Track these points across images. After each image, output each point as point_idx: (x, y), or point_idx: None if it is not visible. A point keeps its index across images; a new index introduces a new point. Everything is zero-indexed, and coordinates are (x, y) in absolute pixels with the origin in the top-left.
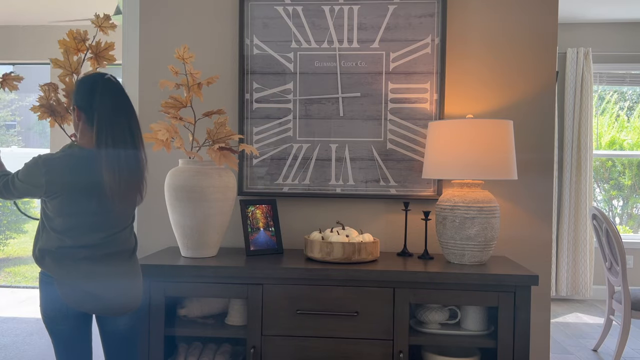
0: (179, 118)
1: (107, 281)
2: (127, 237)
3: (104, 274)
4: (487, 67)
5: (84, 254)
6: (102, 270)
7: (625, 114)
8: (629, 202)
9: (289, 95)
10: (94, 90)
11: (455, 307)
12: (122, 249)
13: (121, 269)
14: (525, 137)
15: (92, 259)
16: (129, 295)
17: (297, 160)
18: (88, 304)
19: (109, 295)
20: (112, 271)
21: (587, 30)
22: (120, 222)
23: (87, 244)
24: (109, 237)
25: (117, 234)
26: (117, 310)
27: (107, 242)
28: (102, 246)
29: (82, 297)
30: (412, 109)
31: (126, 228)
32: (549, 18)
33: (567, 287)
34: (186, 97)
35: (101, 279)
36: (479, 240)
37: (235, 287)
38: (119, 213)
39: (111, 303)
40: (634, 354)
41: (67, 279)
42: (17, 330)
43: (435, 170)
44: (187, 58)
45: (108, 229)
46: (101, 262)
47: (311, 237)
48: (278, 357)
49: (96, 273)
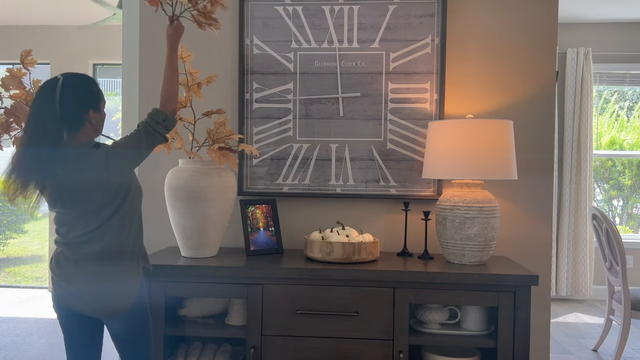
0: (179, 118)
1: (86, 282)
2: (101, 237)
3: (83, 274)
4: (487, 67)
5: (67, 252)
6: (80, 271)
7: (625, 114)
8: (629, 202)
9: (289, 95)
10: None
11: (455, 307)
12: (100, 249)
13: (102, 270)
14: (525, 137)
15: (74, 258)
16: (112, 298)
17: (297, 160)
18: (74, 303)
19: (89, 296)
20: (92, 272)
21: (587, 30)
22: (88, 221)
23: (67, 242)
24: (83, 235)
25: (91, 233)
26: (102, 311)
27: (84, 241)
28: (81, 245)
29: (67, 296)
30: (412, 109)
31: (99, 227)
32: (549, 18)
33: (567, 287)
34: (186, 97)
35: (80, 279)
36: (479, 240)
37: (235, 287)
38: (80, 213)
39: (94, 304)
40: (634, 354)
41: (56, 277)
42: (17, 330)
43: (435, 170)
44: (185, 57)
45: (79, 228)
46: (81, 262)
47: (311, 237)
48: (278, 357)
49: (75, 273)
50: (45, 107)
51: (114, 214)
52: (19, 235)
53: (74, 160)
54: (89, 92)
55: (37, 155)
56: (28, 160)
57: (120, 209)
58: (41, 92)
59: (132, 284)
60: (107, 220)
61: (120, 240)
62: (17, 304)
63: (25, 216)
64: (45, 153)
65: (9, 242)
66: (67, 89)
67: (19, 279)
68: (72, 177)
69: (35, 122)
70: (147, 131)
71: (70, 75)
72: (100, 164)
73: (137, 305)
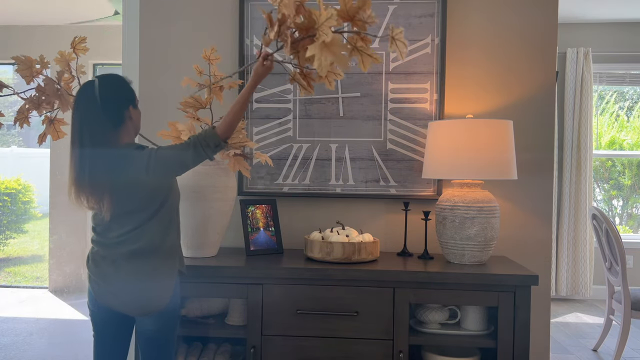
0: (197, 118)
1: (122, 281)
2: (139, 238)
3: (120, 274)
4: (487, 67)
5: (103, 252)
6: (116, 270)
7: (625, 114)
8: (629, 202)
9: (289, 95)
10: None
11: (455, 307)
12: (138, 249)
13: (138, 269)
14: (525, 137)
15: (111, 257)
16: (148, 296)
17: (297, 160)
18: (111, 302)
19: (125, 295)
20: (127, 271)
21: (587, 30)
22: (126, 221)
23: (104, 241)
24: (122, 235)
25: (129, 234)
26: (138, 310)
27: (122, 242)
28: (118, 245)
29: (105, 294)
30: (412, 109)
31: (137, 228)
32: (549, 18)
33: (567, 287)
34: (207, 98)
35: (117, 278)
36: (478, 240)
37: (235, 287)
38: (119, 213)
39: (130, 303)
40: (634, 354)
41: (93, 276)
42: (17, 330)
43: (435, 170)
44: (213, 60)
45: (117, 229)
46: (118, 260)
47: (311, 237)
48: (278, 357)
49: (112, 272)
50: (87, 109)
51: (152, 216)
52: (19, 235)
53: (117, 159)
54: (127, 89)
55: (88, 156)
56: (82, 161)
57: (159, 212)
58: (80, 95)
59: (167, 284)
60: (146, 222)
61: (157, 242)
62: (17, 304)
63: (24, 216)
64: (94, 153)
65: (9, 242)
66: (105, 88)
67: (19, 279)
68: (115, 176)
69: (80, 124)
70: (196, 148)
71: (104, 75)
72: (142, 166)
73: (170, 305)
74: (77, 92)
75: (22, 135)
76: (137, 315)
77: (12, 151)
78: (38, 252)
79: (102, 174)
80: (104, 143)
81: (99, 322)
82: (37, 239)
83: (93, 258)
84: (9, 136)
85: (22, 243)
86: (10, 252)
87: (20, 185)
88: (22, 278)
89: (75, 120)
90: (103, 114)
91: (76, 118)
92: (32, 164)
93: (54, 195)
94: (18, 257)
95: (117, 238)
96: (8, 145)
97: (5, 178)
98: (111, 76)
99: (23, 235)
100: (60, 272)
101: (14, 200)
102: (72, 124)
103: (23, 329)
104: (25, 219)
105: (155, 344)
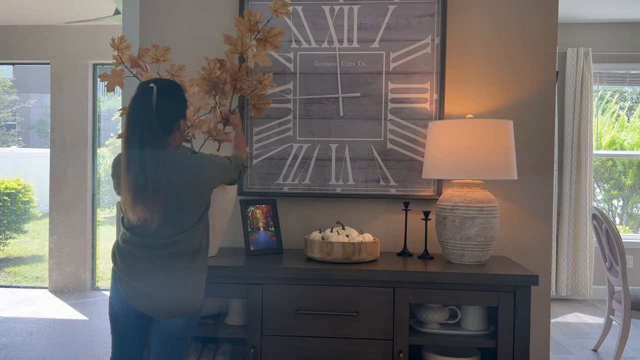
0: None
1: (160, 282)
2: (185, 240)
3: (158, 274)
4: (487, 67)
5: (139, 252)
6: (156, 271)
7: (625, 114)
8: (629, 202)
9: (289, 95)
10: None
11: (455, 307)
12: (183, 250)
13: (177, 271)
14: (525, 137)
15: (149, 258)
16: (183, 299)
17: (297, 160)
18: (142, 302)
19: (162, 296)
20: (166, 272)
21: (587, 30)
22: (175, 223)
23: (144, 242)
24: (170, 237)
25: (174, 237)
26: (172, 311)
27: (168, 243)
28: (164, 247)
29: (136, 294)
30: (412, 109)
31: (185, 232)
32: (549, 18)
33: (567, 287)
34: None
35: (154, 279)
36: (479, 240)
37: (235, 287)
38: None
39: (165, 304)
40: (634, 354)
41: (124, 276)
42: (17, 330)
43: (435, 170)
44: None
45: (163, 231)
46: (157, 262)
47: (311, 237)
48: (278, 357)
49: (150, 272)
50: (142, 115)
51: (200, 219)
52: (19, 235)
53: (174, 160)
54: (183, 102)
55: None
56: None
57: (204, 215)
58: (138, 100)
59: (202, 286)
60: (194, 225)
61: (201, 244)
62: (17, 304)
63: (24, 216)
64: (150, 153)
65: (9, 242)
66: (163, 99)
67: (19, 279)
68: (170, 176)
69: (132, 128)
70: (237, 166)
71: (163, 83)
72: (197, 170)
73: (200, 307)
74: (135, 95)
75: (22, 135)
76: (166, 317)
77: (12, 151)
78: (38, 252)
79: (160, 175)
80: (157, 147)
81: (121, 322)
82: (37, 239)
83: (123, 258)
84: (9, 136)
85: (22, 243)
86: (10, 252)
87: (20, 185)
88: (22, 278)
89: (129, 123)
90: (156, 123)
91: (131, 120)
92: (32, 164)
93: (54, 195)
94: (18, 257)
95: (162, 239)
96: (8, 145)
97: (5, 178)
98: (169, 85)
99: (23, 235)
100: (60, 272)
101: (14, 200)
102: (127, 126)
103: (23, 329)
104: (25, 219)
105: (171, 343)
